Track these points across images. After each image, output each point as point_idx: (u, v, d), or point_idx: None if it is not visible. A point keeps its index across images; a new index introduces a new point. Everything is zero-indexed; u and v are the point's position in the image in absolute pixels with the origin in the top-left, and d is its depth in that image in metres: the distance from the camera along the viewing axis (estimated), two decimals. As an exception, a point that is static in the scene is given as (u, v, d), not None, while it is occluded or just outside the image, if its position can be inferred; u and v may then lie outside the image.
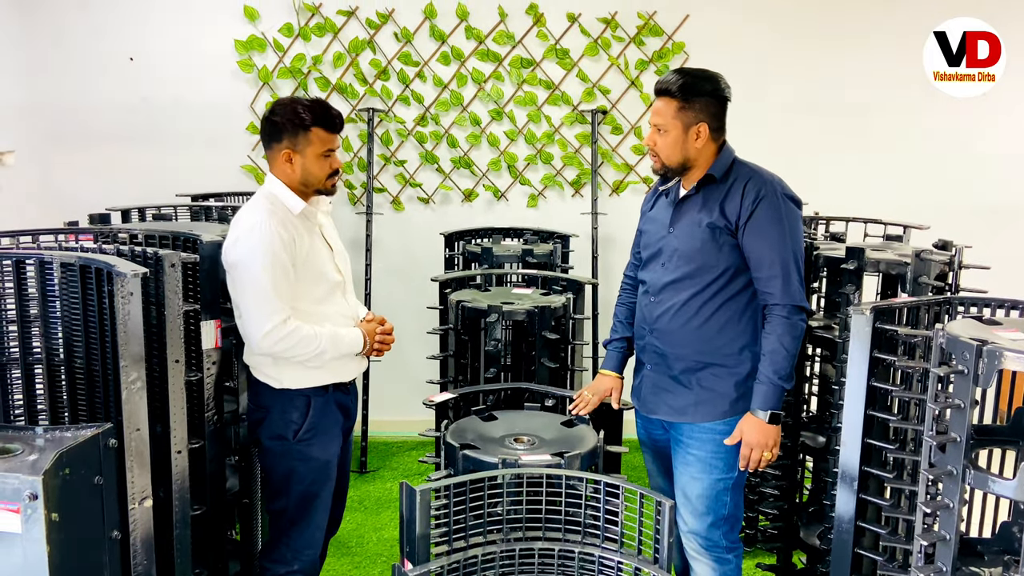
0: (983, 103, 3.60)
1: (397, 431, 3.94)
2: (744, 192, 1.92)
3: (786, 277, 1.90)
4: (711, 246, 1.95)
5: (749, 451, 1.93)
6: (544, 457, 1.95)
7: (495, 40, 3.78)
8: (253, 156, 3.84)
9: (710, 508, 2.02)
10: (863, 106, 3.76)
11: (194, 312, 1.98)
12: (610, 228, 3.85)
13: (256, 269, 1.91)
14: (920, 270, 2.18)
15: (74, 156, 3.77)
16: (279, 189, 2.02)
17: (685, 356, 2.00)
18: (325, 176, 2.05)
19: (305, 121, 1.98)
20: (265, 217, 1.94)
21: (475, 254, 3.31)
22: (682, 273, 1.99)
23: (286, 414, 2.05)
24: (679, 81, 1.93)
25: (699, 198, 1.99)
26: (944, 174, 3.79)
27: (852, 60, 3.73)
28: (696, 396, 2.00)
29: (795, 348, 1.92)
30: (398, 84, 3.80)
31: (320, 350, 1.99)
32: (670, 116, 1.94)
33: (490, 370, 2.62)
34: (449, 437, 2.06)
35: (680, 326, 2.00)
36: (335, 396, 2.11)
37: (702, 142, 1.95)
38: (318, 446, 2.08)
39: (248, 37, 3.71)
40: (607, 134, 3.88)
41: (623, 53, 3.80)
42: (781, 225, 1.91)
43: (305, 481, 2.08)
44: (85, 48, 3.70)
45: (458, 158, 3.88)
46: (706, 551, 2.06)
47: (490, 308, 2.58)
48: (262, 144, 2.10)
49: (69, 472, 1.36)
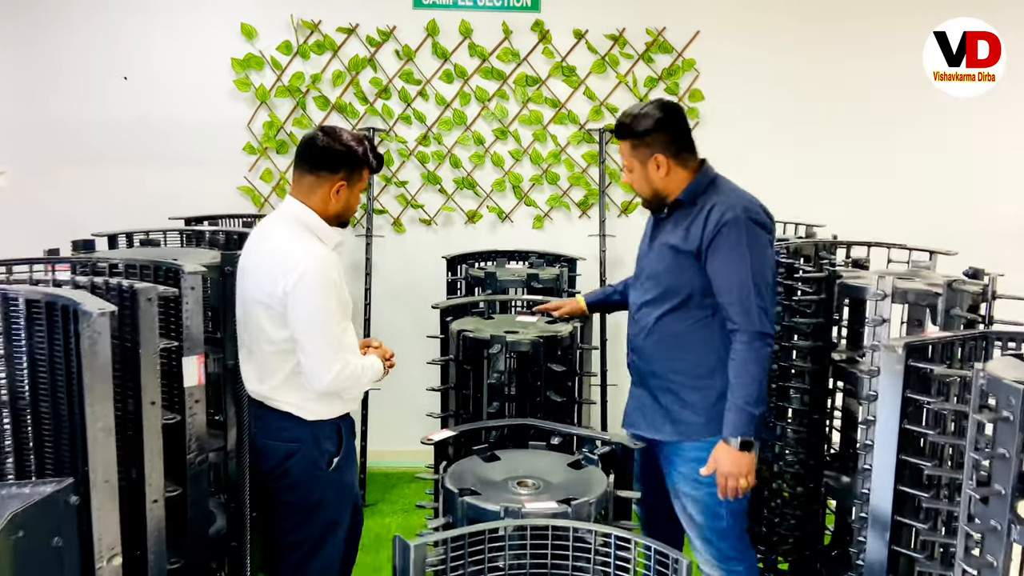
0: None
1: (397, 461, 3.81)
2: (708, 217, 1.96)
3: (745, 303, 1.93)
4: (675, 269, 2.02)
5: (724, 480, 1.95)
6: (549, 505, 1.81)
7: (499, 57, 3.70)
8: (250, 177, 3.75)
9: (707, 522, 2.07)
10: (879, 119, 3.67)
11: (176, 349, 1.86)
12: (618, 250, 3.74)
13: (325, 309, 1.93)
14: (952, 301, 2.04)
15: (66, 177, 3.68)
16: (314, 220, 2.02)
17: (660, 375, 2.08)
18: (355, 211, 2.12)
19: (365, 159, 2.03)
20: (321, 253, 1.96)
21: (478, 278, 3.19)
22: (652, 295, 2.08)
23: (321, 444, 2.06)
24: (626, 121, 2.03)
25: (670, 222, 2.07)
26: (967, 189, 3.69)
27: (877, 71, 3.64)
28: (670, 415, 2.07)
29: (759, 373, 1.94)
30: (399, 103, 3.72)
31: (367, 381, 2.08)
32: (628, 155, 2.05)
33: (493, 404, 2.49)
34: (448, 481, 1.92)
35: (652, 345, 2.09)
36: (350, 421, 2.17)
37: (664, 171, 2.02)
38: (348, 471, 2.14)
39: (245, 55, 3.63)
40: (615, 153, 3.75)
41: (631, 70, 3.71)
42: (741, 250, 1.93)
43: (333, 508, 2.11)
44: (78, 67, 3.62)
45: (461, 179, 3.79)
46: (717, 563, 2.10)
47: (493, 339, 2.45)
48: (306, 167, 2.03)
49: (23, 535, 1.22)
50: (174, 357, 1.88)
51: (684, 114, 2.09)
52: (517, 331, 2.57)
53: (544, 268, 3.27)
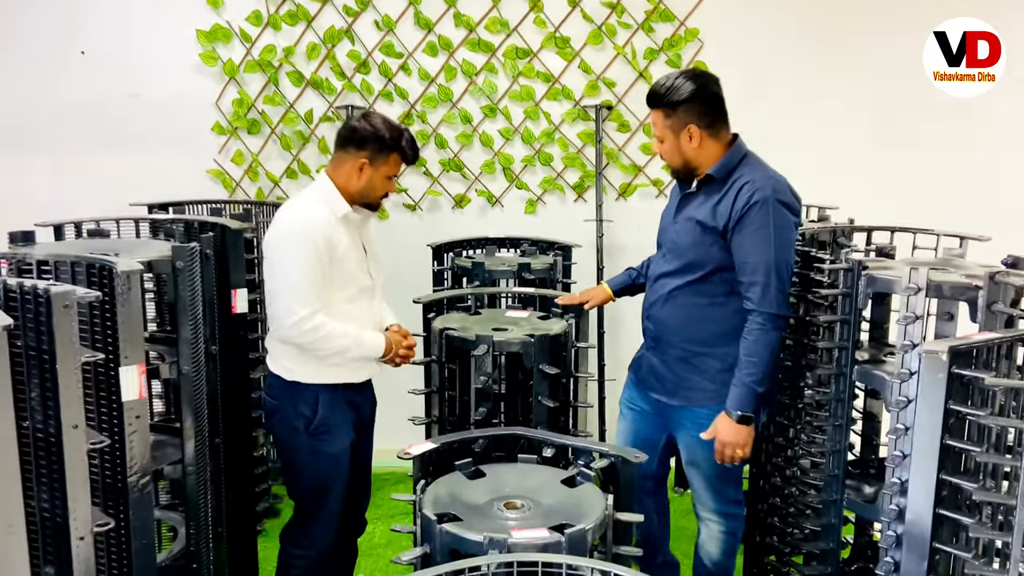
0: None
1: (384, 461, 3.56)
2: (738, 195, 1.99)
3: (766, 284, 1.97)
4: (701, 244, 2.05)
5: (722, 447, 2.05)
6: (540, 534, 1.60)
7: (487, 28, 3.48)
8: (220, 159, 3.53)
9: (715, 470, 2.15)
10: (878, 98, 3.48)
11: (111, 362, 1.63)
12: (617, 236, 3.52)
13: (294, 257, 2.00)
14: (995, 295, 1.81)
15: (16, 162, 3.45)
16: (330, 190, 2.10)
17: (673, 343, 2.14)
18: (381, 195, 2.15)
19: (395, 144, 2.08)
20: (314, 211, 2.05)
21: (466, 269, 2.97)
22: (674, 266, 2.11)
23: (296, 407, 2.11)
24: (660, 90, 2.03)
25: (699, 196, 2.08)
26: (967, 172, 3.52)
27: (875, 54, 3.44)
28: (681, 382, 2.14)
29: (769, 355, 2.00)
30: (380, 78, 3.50)
31: (344, 348, 2.07)
32: (661, 126, 2.05)
33: (479, 410, 2.27)
34: (426, 507, 1.70)
35: (669, 315, 2.13)
36: (345, 393, 2.15)
37: (696, 142, 2.03)
38: (328, 441, 2.13)
39: (212, 27, 3.40)
40: (613, 132, 3.57)
41: (630, 41, 3.49)
42: (767, 231, 1.96)
43: (317, 475, 2.15)
44: (31, 42, 3.39)
45: (447, 160, 3.58)
46: (720, 506, 2.22)
47: (479, 339, 2.24)
48: (338, 143, 2.13)
49: None
50: (112, 370, 1.65)
51: (720, 86, 2.07)
52: (506, 329, 2.36)
53: (537, 256, 3.07)
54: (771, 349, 2.00)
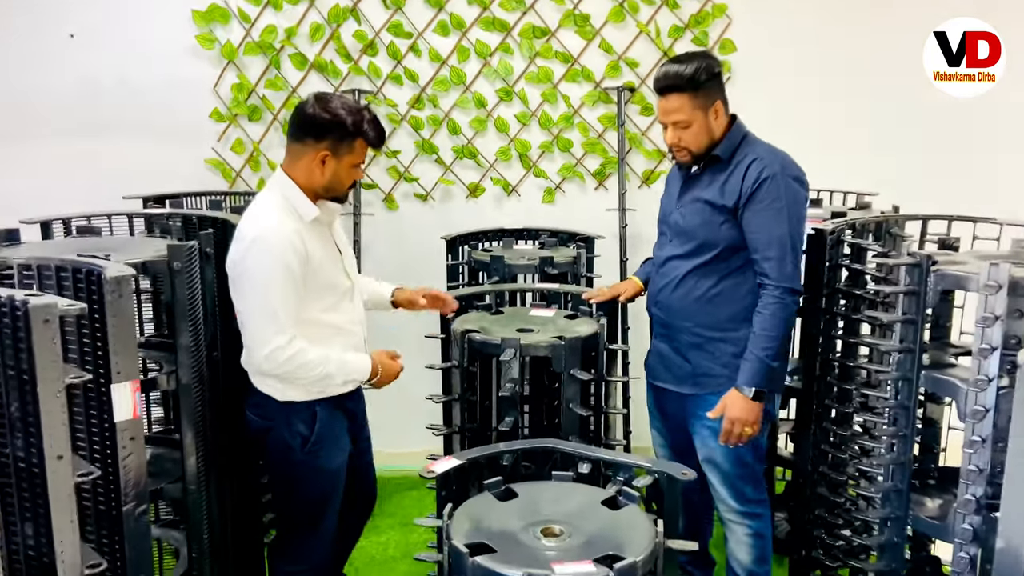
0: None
1: (396, 464, 3.45)
2: (747, 173, 2.01)
3: (781, 258, 1.99)
4: (711, 224, 2.06)
5: (730, 425, 2.03)
6: (586, 568, 1.43)
7: (502, 6, 3.36)
8: (219, 148, 3.39)
9: (733, 469, 2.15)
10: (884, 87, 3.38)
11: (101, 378, 1.45)
12: (640, 226, 3.37)
13: (265, 280, 1.86)
14: (1084, 294, 1.63)
15: (4, 152, 3.31)
16: (291, 191, 1.95)
17: (685, 329, 2.13)
18: (348, 186, 2.02)
19: (357, 129, 1.93)
20: (279, 224, 1.89)
21: (483, 263, 2.81)
22: (683, 249, 2.12)
23: (292, 427, 1.99)
24: (685, 72, 2.01)
25: (705, 177, 2.10)
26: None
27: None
28: (695, 368, 2.13)
29: (784, 329, 2.03)
30: (388, 60, 3.38)
31: (325, 375, 1.95)
32: (689, 109, 2.03)
33: (506, 420, 2.10)
34: (454, 536, 1.53)
35: (679, 300, 2.13)
36: (341, 403, 2.06)
37: (721, 118, 2.07)
38: (325, 457, 2.04)
39: (208, 6, 3.27)
40: (635, 115, 3.45)
41: (654, 19, 3.37)
42: (780, 206, 1.99)
43: (315, 491, 2.06)
44: (16, 24, 3.24)
45: (461, 147, 3.46)
46: (740, 505, 2.18)
47: (504, 342, 2.07)
48: (292, 135, 1.96)
49: None
50: (103, 387, 1.48)
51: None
52: (532, 330, 2.19)
53: (557, 249, 2.91)
54: (787, 323, 2.02)
